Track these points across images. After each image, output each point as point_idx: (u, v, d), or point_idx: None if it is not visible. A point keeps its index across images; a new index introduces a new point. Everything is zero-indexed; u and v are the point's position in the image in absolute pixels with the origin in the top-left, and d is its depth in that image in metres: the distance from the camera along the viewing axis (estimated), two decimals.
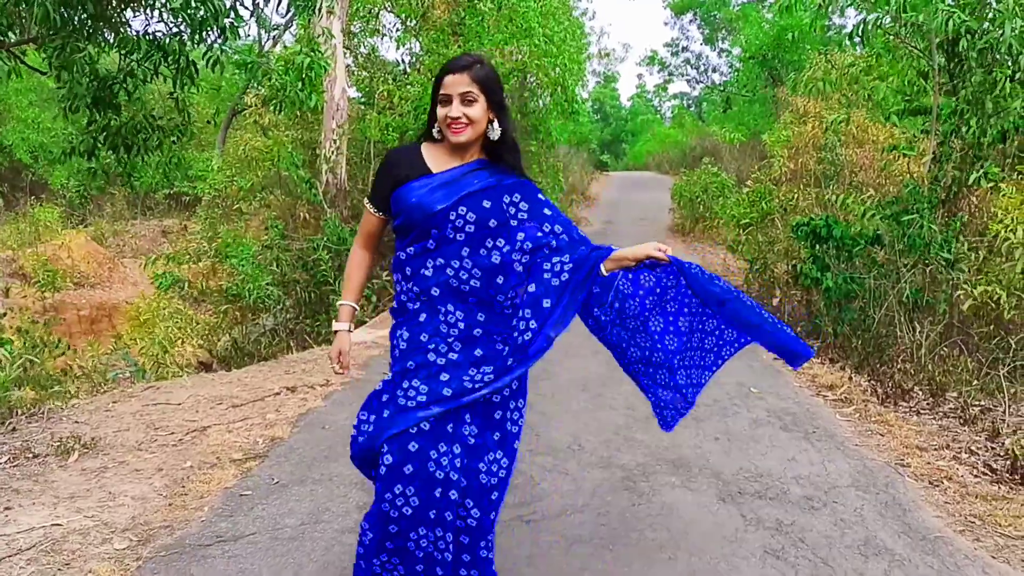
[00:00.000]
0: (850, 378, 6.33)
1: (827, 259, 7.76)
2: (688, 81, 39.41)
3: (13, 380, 5.60)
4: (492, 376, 2.60)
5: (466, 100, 2.56)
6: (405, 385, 2.57)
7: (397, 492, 2.50)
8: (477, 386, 2.58)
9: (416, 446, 2.52)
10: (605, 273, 2.72)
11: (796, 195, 11.06)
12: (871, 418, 5.34)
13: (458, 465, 2.57)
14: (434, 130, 2.67)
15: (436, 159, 2.67)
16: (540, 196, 2.75)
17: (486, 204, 2.62)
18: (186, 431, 4.77)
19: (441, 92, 2.59)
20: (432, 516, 2.53)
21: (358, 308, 2.86)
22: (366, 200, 2.77)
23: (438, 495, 2.53)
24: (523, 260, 2.67)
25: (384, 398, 2.61)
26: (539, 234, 2.69)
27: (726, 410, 5.41)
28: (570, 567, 3.19)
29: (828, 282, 7.56)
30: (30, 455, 4.32)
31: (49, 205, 19.79)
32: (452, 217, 2.58)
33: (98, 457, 4.31)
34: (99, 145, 8.10)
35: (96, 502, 3.72)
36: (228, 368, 7.58)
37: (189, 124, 8.69)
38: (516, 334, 2.62)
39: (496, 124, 2.64)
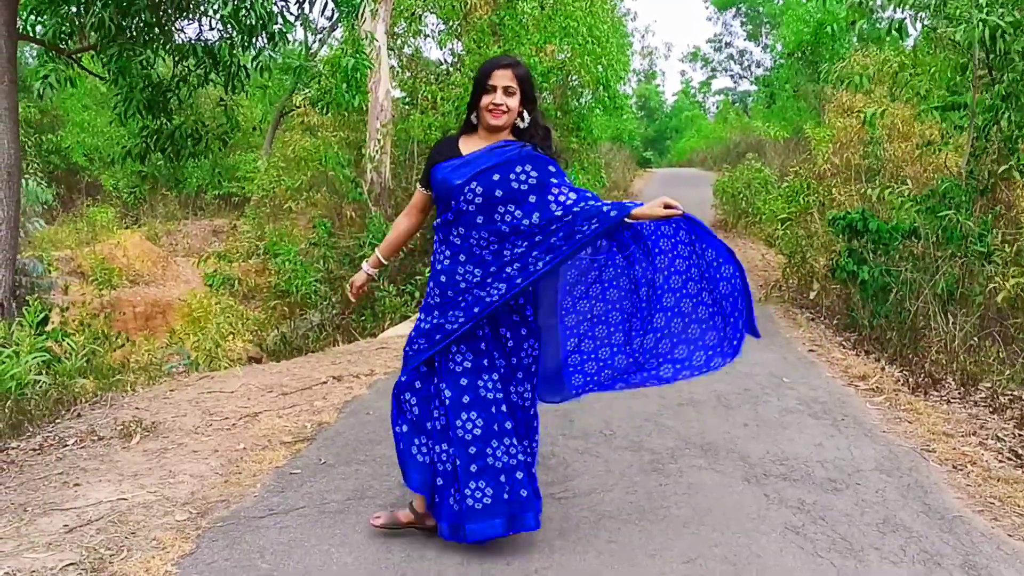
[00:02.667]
0: (883, 369, 6.43)
1: (864, 252, 7.84)
2: (732, 77, 39.21)
3: (77, 370, 5.93)
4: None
5: (508, 92, 3.10)
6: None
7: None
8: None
9: None
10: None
11: (836, 190, 11.09)
12: (901, 406, 5.45)
13: None
14: (473, 116, 3.20)
15: (468, 145, 3.21)
16: (551, 168, 3.15)
17: (495, 178, 3.08)
18: (239, 416, 5.05)
19: (489, 83, 3.10)
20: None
21: (386, 261, 3.49)
22: (419, 182, 3.34)
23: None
24: (532, 226, 3.07)
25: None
26: (548, 199, 3.09)
27: (757, 398, 5.56)
28: (599, 539, 3.38)
29: (864, 275, 7.64)
30: (95, 438, 4.62)
31: (104, 206, 20.42)
32: (465, 191, 3.09)
33: (158, 439, 4.60)
34: (151, 149, 8.46)
35: (158, 479, 4.00)
36: (277, 361, 7.87)
37: (237, 129, 9.02)
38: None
39: (526, 114, 3.17)
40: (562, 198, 3.08)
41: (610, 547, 3.32)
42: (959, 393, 5.88)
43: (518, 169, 3.09)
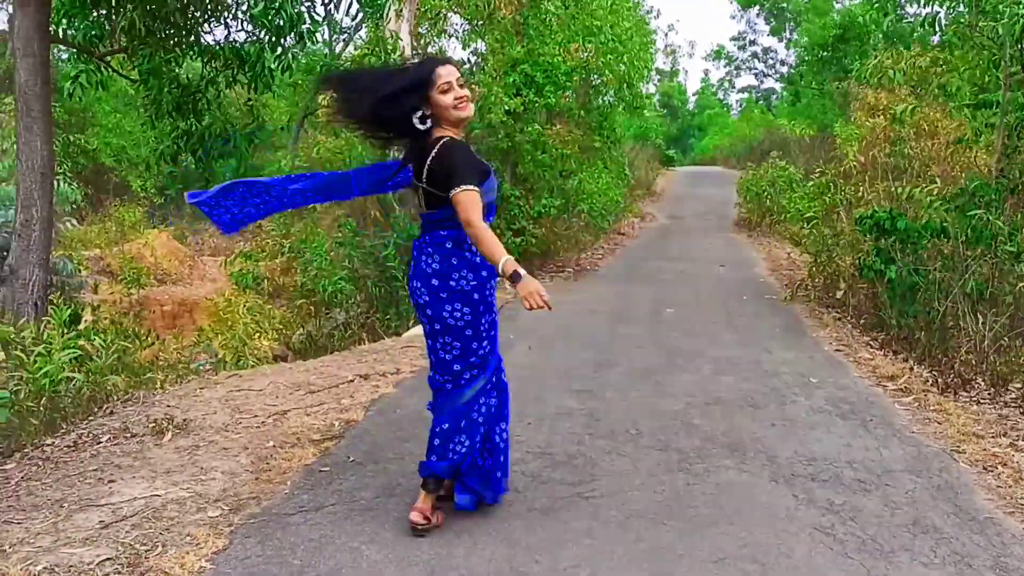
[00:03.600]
0: (911, 369, 6.39)
1: (892, 252, 7.78)
2: (755, 75, 39.02)
3: (109, 367, 6.01)
4: None
5: (460, 84, 3.25)
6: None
7: None
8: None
9: None
10: None
11: (862, 188, 11.01)
12: (930, 407, 5.42)
13: None
14: (416, 118, 3.24)
15: None
16: None
17: None
18: (268, 414, 5.10)
19: (442, 81, 3.21)
20: None
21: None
22: (473, 184, 3.15)
23: None
24: None
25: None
26: None
27: (784, 398, 5.54)
28: (626, 539, 3.39)
29: (892, 274, 7.59)
30: (128, 435, 4.68)
31: (132, 206, 20.64)
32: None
33: (189, 437, 4.66)
34: (182, 150, 8.56)
35: (190, 476, 4.05)
36: (303, 359, 7.93)
37: (263, 129, 9.10)
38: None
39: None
40: None
41: (638, 546, 3.33)
42: (989, 394, 5.83)
43: None
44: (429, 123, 3.27)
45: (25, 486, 3.95)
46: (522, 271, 3.02)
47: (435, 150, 3.26)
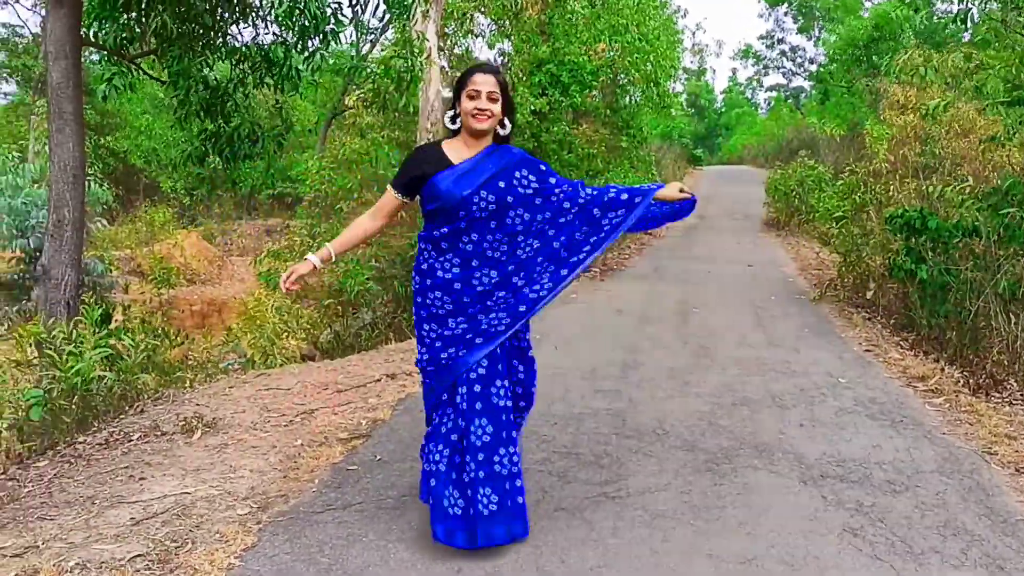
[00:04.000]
0: (942, 369, 6.31)
1: (922, 251, 7.70)
2: (783, 73, 38.76)
3: (139, 366, 6.08)
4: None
5: (491, 98, 3.17)
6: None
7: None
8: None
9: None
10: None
11: (892, 187, 10.89)
12: (961, 408, 5.35)
13: None
14: (447, 117, 3.26)
15: (455, 152, 3.25)
16: (542, 167, 3.34)
17: (501, 184, 3.19)
18: (296, 413, 5.14)
19: (471, 87, 3.17)
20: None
21: (335, 257, 3.33)
22: (390, 184, 3.30)
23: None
24: (542, 221, 3.27)
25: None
26: (552, 199, 3.28)
27: (812, 399, 5.50)
28: (653, 539, 3.38)
29: (923, 274, 7.50)
30: (159, 433, 4.74)
31: (162, 207, 20.87)
32: (476, 200, 3.15)
33: (219, 435, 4.70)
34: (210, 151, 8.63)
35: (219, 474, 4.09)
36: (330, 359, 7.98)
37: (291, 131, 9.17)
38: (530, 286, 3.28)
39: (507, 122, 3.27)
40: (561, 193, 3.30)
41: (665, 546, 3.32)
42: (1022, 394, 5.76)
43: (518, 174, 3.24)
44: (459, 124, 3.26)
45: (58, 483, 4.01)
46: (310, 256, 3.28)
47: None
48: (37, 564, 3.11)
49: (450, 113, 3.27)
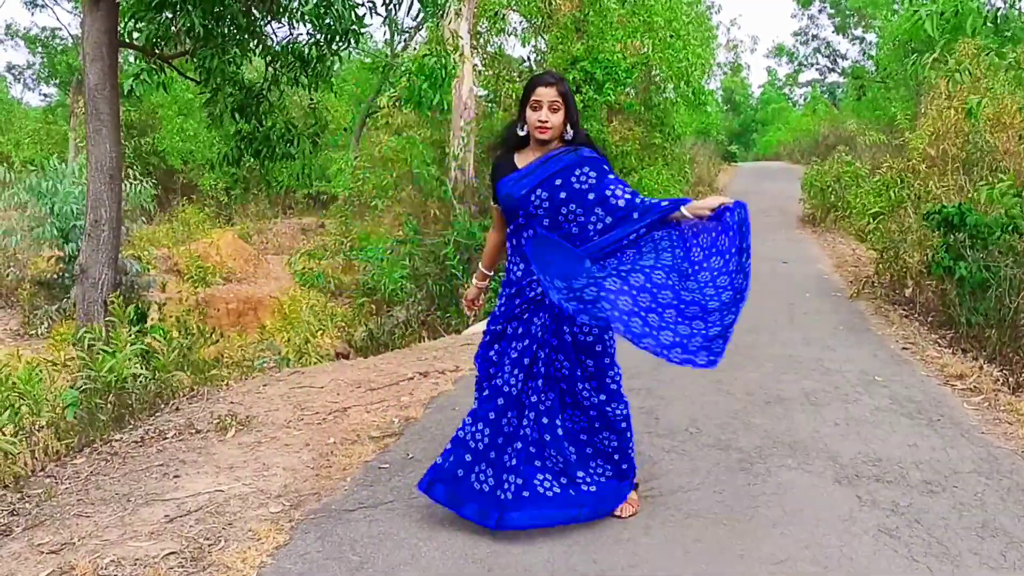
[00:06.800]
0: (981, 368, 6.19)
1: (961, 248, 7.56)
2: (818, 70, 38.33)
3: (174, 364, 6.14)
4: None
5: (552, 108, 3.30)
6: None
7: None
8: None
9: None
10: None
11: (931, 183, 10.73)
12: (1000, 407, 5.25)
13: None
14: (519, 128, 3.41)
15: (523, 159, 3.45)
16: (604, 166, 3.39)
17: (558, 183, 3.33)
18: (329, 411, 5.17)
19: (533, 99, 3.31)
20: None
21: (490, 273, 3.81)
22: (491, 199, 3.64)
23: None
24: (597, 222, 3.33)
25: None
26: (606, 194, 3.31)
27: (847, 397, 5.42)
28: (685, 538, 3.35)
29: (962, 271, 7.37)
30: (193, 431, 4.79)
31: (197, 206, 21.12)
32: (531, 198, 3.35)
33: (252, 433, 4.74)
34: (245, 152, 8.70)
35: (252, 472, 4.13)
36: (364, 357, 8.02)
37: (325, 130, 9.22)
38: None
39: (570, 129, 3.37)
40: (619, 192, 3.31)
41: (697, 546, 3.29)
42: None
43: (577, 172, 3.33)
44: (526, 130, 3.41)
45: (94, 480, 4.06)
46: (474, 281, 3.85)
47: None
48: (73, 560, 3.15)
49: (517, 125, 3.43)
